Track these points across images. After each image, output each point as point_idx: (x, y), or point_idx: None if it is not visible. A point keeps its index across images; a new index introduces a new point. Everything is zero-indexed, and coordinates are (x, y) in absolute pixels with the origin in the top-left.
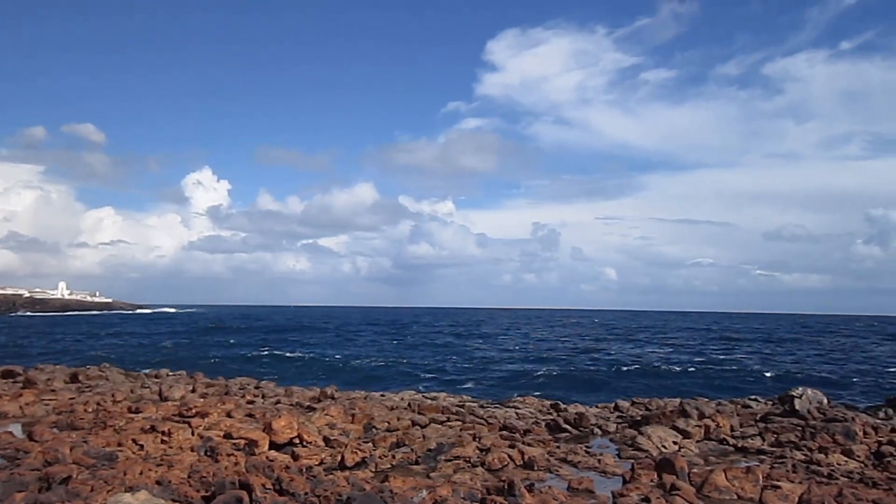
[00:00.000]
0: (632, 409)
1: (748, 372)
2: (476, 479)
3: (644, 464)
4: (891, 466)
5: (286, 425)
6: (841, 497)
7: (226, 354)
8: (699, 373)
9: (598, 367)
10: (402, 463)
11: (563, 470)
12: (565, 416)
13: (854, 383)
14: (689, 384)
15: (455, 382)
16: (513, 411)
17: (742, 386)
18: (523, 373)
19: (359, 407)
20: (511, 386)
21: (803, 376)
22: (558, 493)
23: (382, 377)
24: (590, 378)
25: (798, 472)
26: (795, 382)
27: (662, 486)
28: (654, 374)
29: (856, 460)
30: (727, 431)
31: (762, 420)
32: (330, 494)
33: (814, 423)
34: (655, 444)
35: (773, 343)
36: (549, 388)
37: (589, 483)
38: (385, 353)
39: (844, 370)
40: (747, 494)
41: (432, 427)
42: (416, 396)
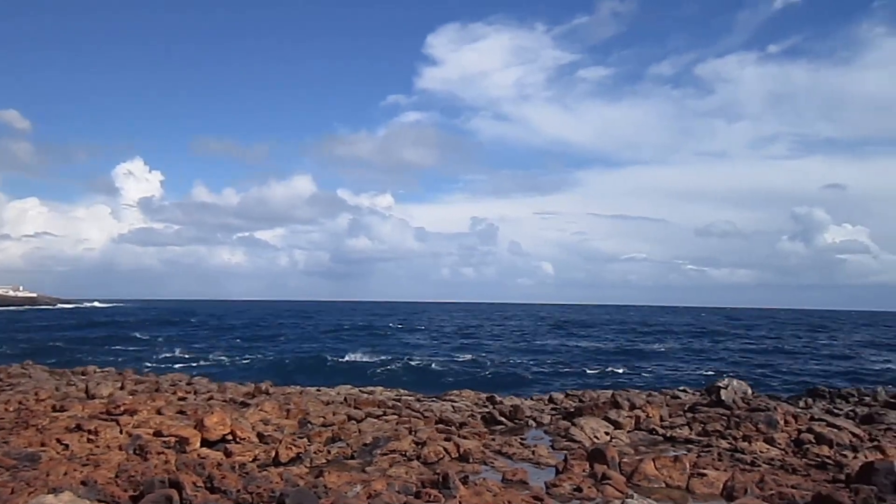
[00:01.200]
0: (566, 401)
1: (678, 363)
2: (412, 473)
3: (577, 454)
4: (809, 453)
5: (218, 422)
6: (762, 483)
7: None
8: (632, 364)
9: (534, 360)
10: (337, 458)
11: (498, 462)
12: (501, 409)
13: (777, 374)
14: (622, 376)
15: (392, 376)
16: (449, 405)
17: (672, 374)
18: (461, 366)
19: (294, 402)
20: (448, 379)
21: (730, 368)
22: (493, 485)
23: (319, 372)
24: (525, 371)
25: (723, 460)
26: (723, 373)
27: (594, 476)
28: (587, 366)
29: (777, 448)
30: (657, 422)
31: (690, 410)
32: (263, 491)
33: (738, 412)
34: (588, 435)
35: (702, 335)
36: (485, 381)
37: (523, 474)
38: (324, 346)
39: (769, 361)
40: (675, 482)
41: (368, 421)
42: (353, 391)
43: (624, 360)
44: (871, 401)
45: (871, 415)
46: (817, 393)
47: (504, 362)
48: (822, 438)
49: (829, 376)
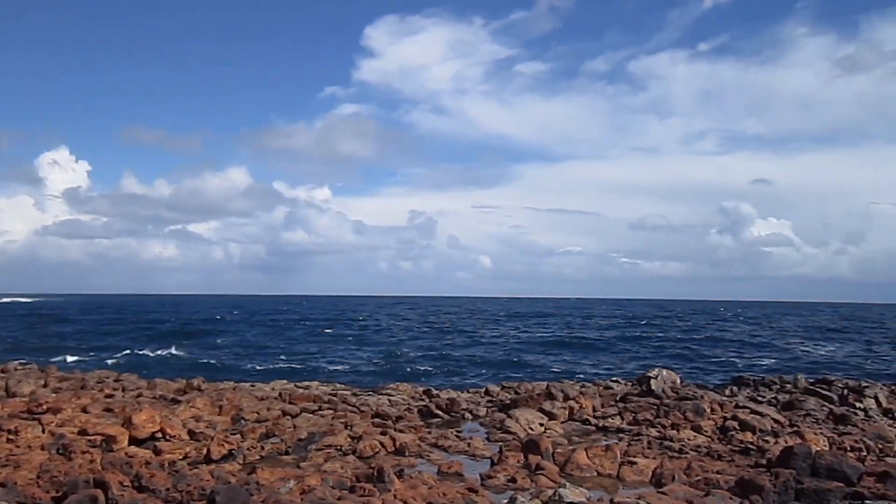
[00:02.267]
0: (502, 394)
1: (612, 355)
2: (347, 468)
3: (511, 446)
4: (734, 440)
5: (147, 419)
6: (689, 470)
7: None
8: (568, 356)
9: (471, 353)
10: (271, 454)
11: (434, 455)
12: (437, 402)
13: (706, 363)
14: (558, 367)
15: (330, 370)
16: (385, 398)
17: (605, 365)
18: (398, 360)
19: (227, 398)
20: (386, 373)
21: (661, 358)
22: (428, 478)
23: (255, 367)
24: (466, 363)
25: (653, 448)
26: (655, 364)
27: (528, 467)
28: (525, 358)
29: (704, 435)
30: (590, 412)
31: (622, 400)
32: (193, 489)
33: (668, 401)
34: (523, 427)
35: (635, 327)
36: (424, 374)
37: (459, 466)
38: (261, 341)
39: (699, 351)
40: (606, 471)
41: (303, 416)
42: (288, 386)
43: (560, 351)
44: (792, 388)
45: (791, 401)
46: (742, 381)
47: (443, 355)
48: (745, 425)
49: (755, 365)
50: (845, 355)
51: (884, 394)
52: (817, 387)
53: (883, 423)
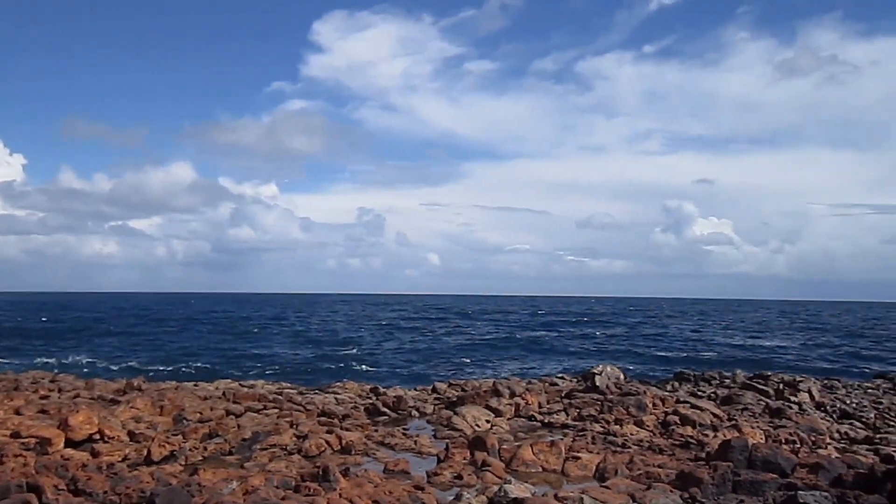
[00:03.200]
0: (449, 391)
1: (559, 352)
2: (292, 467)
3: (458, 443)
4: (675, 434)
5: (84, 420)
6: (632, 464)
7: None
8: (515, 353)
9: (423, 350)
10: (214, 454)
11: (381, 453)
12: (384, 400)
13: (649, 359)
14: (505, 364)
15: (276, 369)
16: (332, 397)
17: (552, 361)
18: (346, 357)
19: (168, 398)
20: (333, 371)
21: (607, 355)
22: (374, 476)
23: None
24: (413, 360)
25: (597, 443)
26: (601, 360)
27: (474, 464)
28: (472, 356)
29: (646, 430)
30: (536, 408)
31: (567, 396)
32: (132, 492)
33: (611, 397)
34: (469, 424)
35: (582, 324)
36: (371, 372)
37: (405, 464)
38: (206, 340)
39: (642, 348)
40: (551, 466)
41: (248, 416)
42: (232, 385)
43: (507, 348)
44: (731, 383)
45: (730, 396)
46: (683, 377)
47: (391, 353)
48: (686, 419)
49: (696, 360)
50: (783, 350)
51: (816, 388)
52: (754, 382)
53: (816, 416)
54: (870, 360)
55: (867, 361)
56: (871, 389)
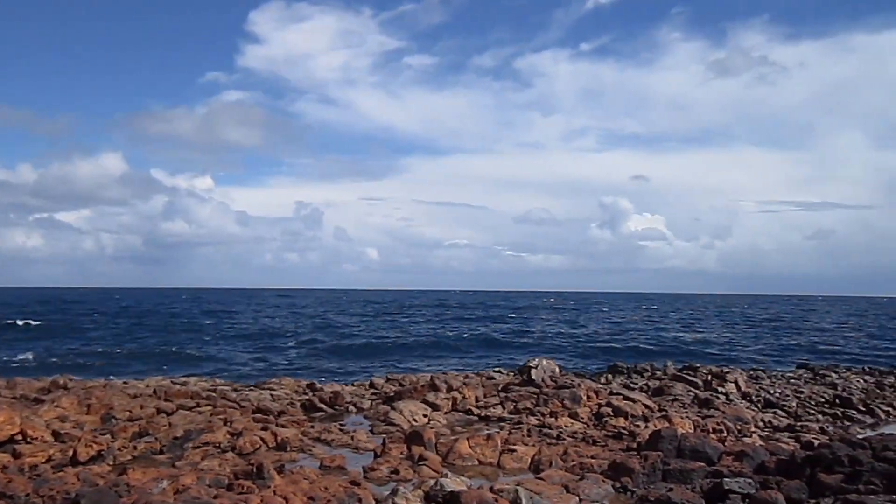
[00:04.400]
0: (386, 386)
1: (499, 345)
2: (225, 465)
3: (395, 438)
4: (608, 425)
5: (5, 420)
6: (566, 455)
7: None
8: (455, 347)
9: (361, 345)
10: (144, 454)
11: (317, 449)
12: (321, 396)
13: (585, 352)
14: (446, 358)
15: (210, 366)
16: (268, 393)
17: (491, 355)
18: (283, 353)
19: (96, 396)
20: (269, 368)
21: (543, 348)
22: (310, 473)
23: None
24: (351, 356)
25: (532, 435)
26: (538, 354)
27: (411, 458)
28: (410, 351)
29: (580, 422)
30: (472, 402)
31: (503, 390)
32: (56, 493)
33: (547, 390)
34: (407, 418)
35: (522, 318)
36: (308, 367)
37: (341, 460)
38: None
39: (578, 342)
40: (487, 459)
41: (180, 414)
42: (164, 382)
43: (445, 343)
44: (662, 375)
45: (661, 387)
46: (617, 369)
47: (328, 348)
48: (619, 411)
49: (630, 353)
50: (712, 343)
51: (743, 379)
52: (684, 373)
53: (742, 406)
54: (793, 352)
55: (790, 352)
56: (793, 379)
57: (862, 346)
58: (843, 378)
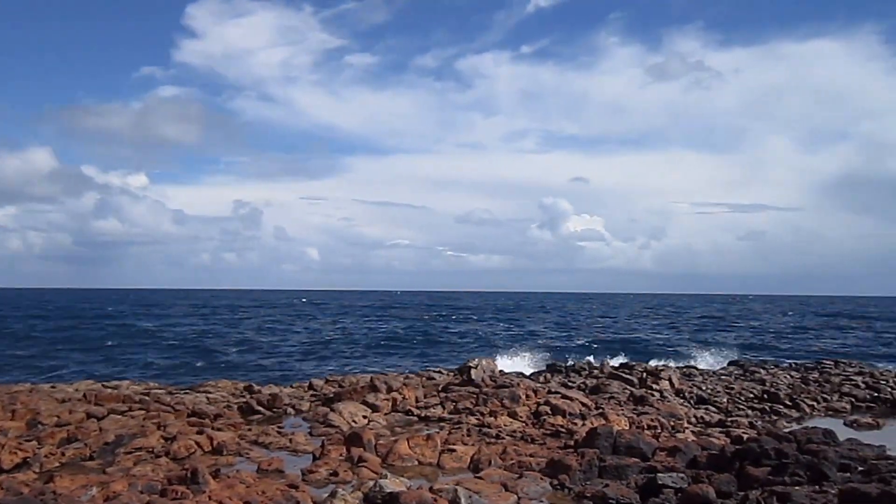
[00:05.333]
0: (326, 387)
1: (439, 345)
2: (158, 470)
3: (334, 439)
4: (546, 424)
5: None
6: (505, 454)
7: None
8: (396, 347)
9: (300, 347)
10: (73, 460)
11: (254, 452)
12: (258, 398)
13: (525, 351)
14: (387, 359)
15: (143, 369)
16: (203, 396)
17: (432, 355)
18: (221, 355)
19: (21, 401)
20: (206, 369)
21: (485, 348)
22: (247, 476)
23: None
24: (290, 357)
25: (472, 435)
26: (478, 353)
27: (350, 460)
28: (350, 351)
29: (519, 421)
30: (413, 403)
31: (444, 390)
32: None
33: (486, 390)
34: (346, 420)
35: (461, 319)
36: (245, 369)
37: (279, 463)
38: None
39: (518, 340)
40: (427, 459)
41: (111, 418)
42: (94, 386)
43: (386, 344)
44: (599, 373)
45: (598, 385)
46: (555, 368)
47: (267, 350)
48: (557, 409)
49: (570, 351)
50: (648, 341)
51: (676, 376)
52: (620, 371)
53: (675, 403)
54: (725, 349)
55: (722, 350)
56: (724, 376)
57: (789, 343)
58: (771, 374)
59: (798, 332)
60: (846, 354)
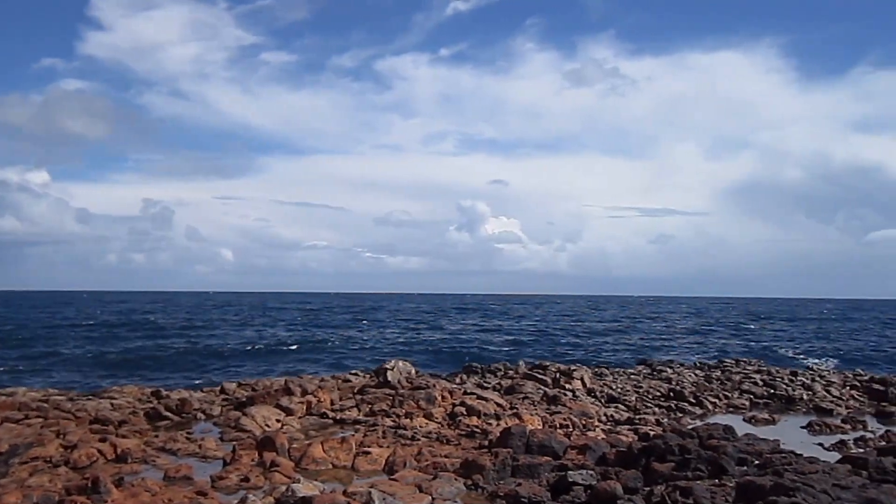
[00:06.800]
0: (238, 391)
1: (358, 346)
2: (57, 480)
3: (246, 444)
4: (461, 424)
5: None
6: (420, 455)
7: None
8: (313, 349)
9: (213, 349)
10: None
11: (161, 459)
12: (167, 403)
13: (442, 352)
14: (304, 362)
15: (41, 375)
16: (108, 402)
17: (350, 356)
18: (128, 359)
19: None
20: (112, 373)
21: (400, 350)
22: (152, 484)
23: None
24: (202, 360)
25: (387, 437)
26: (395, 355)
27: (263, 465)
28: (265, 354)
29: (435, 422)
30: (328, 405)
31: (359, 392)
32: None
33: (403, 391)
34: (259, 424)
35: (377, 320)
36: (154, 373)
37: (188, 469)
38: None
39: (436, 342)
40: (341, 462)
41: (5, 427)
42: None
43: (302, 346)
44: (514, 374)
45: (513, 386)
46: (471, 369)
47: (176, 353)
48: (472, 410)
49: (486, 353)
50: (564, 342)
51: (588, 376)
52: (535, 372)
53: (587, 402)
54: (634, 349)
55: (632, 350)
56: (633, 375)
57: (695, 342)
58: (677, 373)
59: (702, 334)
60: (747, 353)
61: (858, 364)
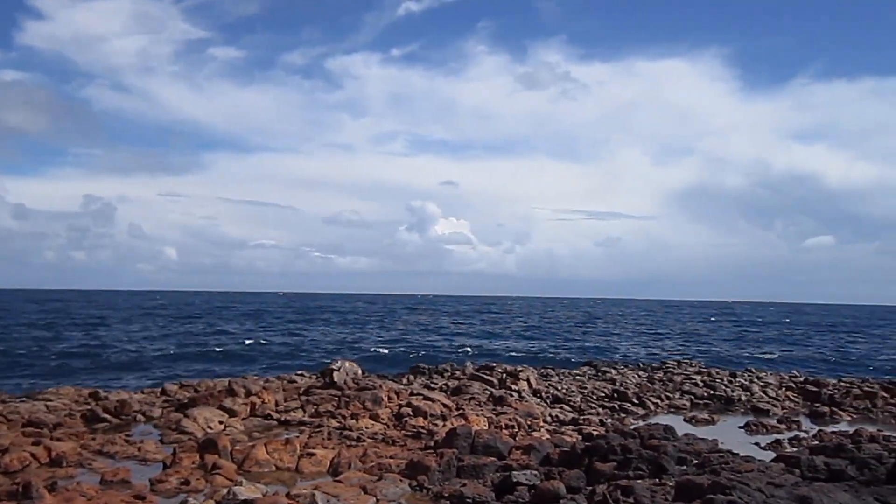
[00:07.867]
0: (180, 392)
1: (302, 348)
2: None
3: (187, 446)
4: (407, 425)
5: None
6: (365, 457)
7: None
8: (258, 350)
9: (154, 349)
10: None
11: (98, 462)
12: (105, 405)
13: (391, 353)
14: (248, 362)
15: None
16: (42, 404)
17: (295, 357)
18: (64, 360)
19: None
20: (46, 374)
21: (347, 350)
22: (88, 489)
23: None
24: (143, 360)
25: (332, 438)
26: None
27: (204, 467)
28: (207, 356)
29: (381, 423)
30: (272, 407)
31: (305, 393)
32: None
33: (349, 392)
34: (201, 426)
35: (323, 320)
36: (93, 374)
37: (126, 473)
38: None
39: (383, 343)
40: (285, 464)
41: None
42: None
43: (247, 347)
44: (461, 374)
45: (459, 386)
46: (419, 370)
47: (115, 354)
48: (418, 411)
49: (434, 354)
50: (510, 343)
51: (534, 376)
52: (481, 373)
53: (532, 402)
54: (580, 350)
55: (578, 351)
56: (578, 376)
57: (639, 344)
58: (621, 374)
59: (646, 335)
60: (689, 355)
61: (795, 366)
